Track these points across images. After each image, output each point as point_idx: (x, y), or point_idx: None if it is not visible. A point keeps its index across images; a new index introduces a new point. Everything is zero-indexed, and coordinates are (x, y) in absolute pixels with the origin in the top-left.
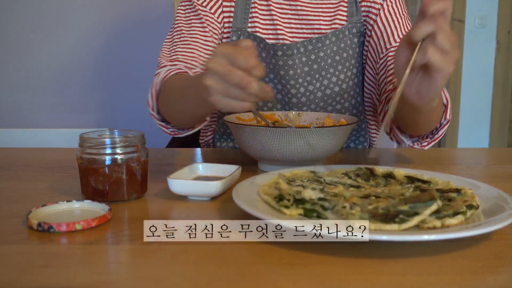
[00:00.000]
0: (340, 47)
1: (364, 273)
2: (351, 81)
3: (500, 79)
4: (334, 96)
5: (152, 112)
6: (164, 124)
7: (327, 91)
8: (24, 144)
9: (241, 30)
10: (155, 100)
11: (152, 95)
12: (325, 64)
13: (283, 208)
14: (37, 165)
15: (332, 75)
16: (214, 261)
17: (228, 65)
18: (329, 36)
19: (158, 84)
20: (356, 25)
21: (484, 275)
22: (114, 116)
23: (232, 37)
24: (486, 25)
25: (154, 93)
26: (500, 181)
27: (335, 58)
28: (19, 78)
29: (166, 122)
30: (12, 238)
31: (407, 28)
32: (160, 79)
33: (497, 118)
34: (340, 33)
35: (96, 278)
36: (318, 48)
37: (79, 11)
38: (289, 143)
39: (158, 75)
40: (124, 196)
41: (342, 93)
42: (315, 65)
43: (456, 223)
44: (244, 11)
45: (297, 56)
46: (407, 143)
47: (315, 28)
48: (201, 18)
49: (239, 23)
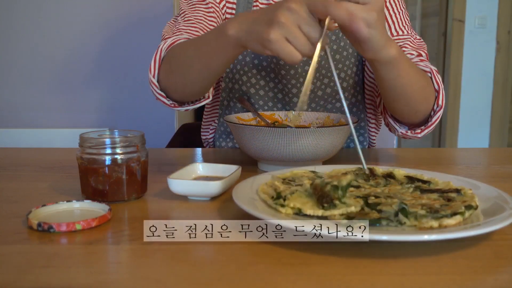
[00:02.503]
0: (340, 46)
1: (364, 273)
2: (351, 79)
3: (500, 79)
4: (335, 94)
5: (153, 79)
6: (164, 94)
7: (327, 90)
8: (24, 144)
9: None
10: (157, 67)
11: (156, 60)
12: (326, 62)
13: (279, 207)
14: (37, 165)
15: (331, 74)
16: (214, 261)
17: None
18: (329, 35)
19: (163, 50)
20: None
21: (484, 275)
22: (114, 116)
23: None
24: (486, 25)
25: (158, 59)
26: (500, 181)
27: (335, 57)
28: (19, 78)
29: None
30: (12, 238)
31: (405, 23)
32: (166, 46)
33: (497, 118)
34: (339, 32)
35: (96, 278)
36: None
37: (78, 11)
38: (289, 143)
39: (165, 42)
40: (124, 196)
41: (342, 91)
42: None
43: (454, 224)
44: (245, 10)
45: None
46: (400, 131)
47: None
48: (207, 3)
49: None
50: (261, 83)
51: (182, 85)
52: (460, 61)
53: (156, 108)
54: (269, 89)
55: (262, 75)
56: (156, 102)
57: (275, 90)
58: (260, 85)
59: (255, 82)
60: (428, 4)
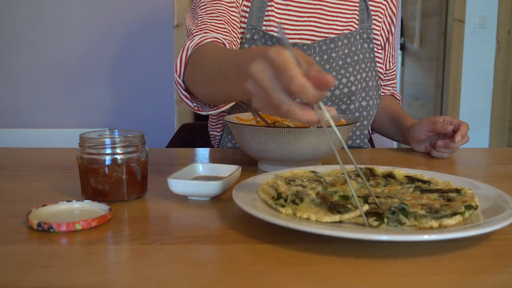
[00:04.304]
0: (351, 50)
1: (364, 273)
2: (360, 84)
3: (500, 79)
4: (342, 96)
5: (178, 80)
6: (189, 96)
7: (336, 92)
8: (24, 144)
9: (255, 29)
10: (184, 66)
11: (182, 60)
12: (336, 65)
13: (279, 207)
14: (37, 165)
15: (342, 76)
16: (214, 261)
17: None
18: (342, 38)
19: (190, 49)
20: (367, 31)
21: (484, 275)
22: (114, 116)
23: (246, 35)
24: (486, 25)
25: (184, 59)
26: (500, 181)
27: (346, 60)
28: (20, 78)
29: (191, 94)
30: (12, 238)
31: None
32: (192, 44)
33: (497, 118)
34: (351, 37)
35: (96, 278)
36: (331, 49)
37: (79, 12)
38: (289, 143)
39: (192, 40)
40: (124, 196)
41: (349, 95)
42: (327, 65)
43: (454, 224)
44: (260, 10)
45: (312, 56)
46: None
47: (332, 28)
48: None
49: (254, 21)
50: None
51: (207, 91)
52: (460, 61)
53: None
54: None
55: None
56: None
57: None
58: None
59: None
60: (428, 4)
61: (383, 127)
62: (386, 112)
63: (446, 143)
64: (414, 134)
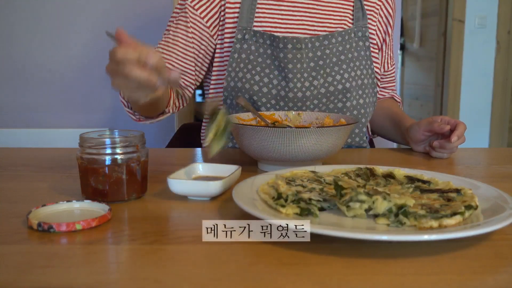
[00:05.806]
0: (346, 48)
1: (364, 273)
2: (355, 82)
3: (500, 79)
4: (337, 94)
5: (122, 100)
6: (131, 112)
7: (330, 88)
8: (24, 144)
9: (246, 29)
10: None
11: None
12: (330, 62)
13: (279, 207)
14: (37, 165)
15: (336, 73)
16: (214, 261)
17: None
18: (336, 35)
19: None
20: (362, 29)
21: (484, 275)
22: (114, 116)
23: (237, 35)
24: (486, 25)
25: None
26: (500, 181)
27: (340, 58)
28: (20, 78)
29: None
30: (12, 238)
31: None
32: None
33: (497, 118)
34: (346, 34)
35: (96, 278)
36: (324, 46)
37: (79, 12)
38: (289, 143)
39: None
40: (124, 196)
41: (344, 92)
42: (320, 61)
43: (453, 224)
44: (249, 11)
45: (305, 51)
46: None
47: (325, 25)
48: (187, 22)
49: (244, 23)
50: (265, 80)
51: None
52: (460, 61)
53: None
54: (273, 86)
55: (266, 73)
56: None
57: (279, 87)
58: (264, 82)
59: (259, 80)
60: (428, 4)
61: (384, 130)
62: (387, 114)
63: (441, 143)
64: (412, 134)
